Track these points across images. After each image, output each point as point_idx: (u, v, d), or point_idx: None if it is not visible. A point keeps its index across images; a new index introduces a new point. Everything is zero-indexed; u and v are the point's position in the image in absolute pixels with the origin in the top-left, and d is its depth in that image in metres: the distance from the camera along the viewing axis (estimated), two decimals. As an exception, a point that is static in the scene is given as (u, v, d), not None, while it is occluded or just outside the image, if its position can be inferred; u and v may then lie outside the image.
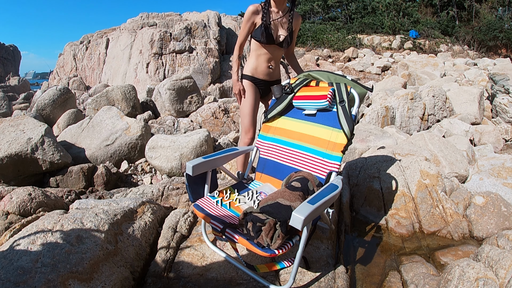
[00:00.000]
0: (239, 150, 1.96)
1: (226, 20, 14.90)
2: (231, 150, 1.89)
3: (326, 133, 1.87)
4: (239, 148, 1.99)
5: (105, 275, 1.45)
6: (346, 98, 1.85)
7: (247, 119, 2.32)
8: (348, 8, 24.12)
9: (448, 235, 2.15)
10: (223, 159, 1.82)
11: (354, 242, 2.13)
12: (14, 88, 18.63)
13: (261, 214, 1.37)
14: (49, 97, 6.28)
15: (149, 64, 11.94)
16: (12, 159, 3.36)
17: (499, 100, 5.69)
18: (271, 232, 1.32)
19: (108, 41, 14.19)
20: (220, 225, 1.47)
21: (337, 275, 1.59)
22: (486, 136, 4.57)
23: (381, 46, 18.99)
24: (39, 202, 2.37)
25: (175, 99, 6.69)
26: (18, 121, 3.77)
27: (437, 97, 5.37)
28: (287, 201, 1.42)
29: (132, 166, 4.15)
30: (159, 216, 2.07)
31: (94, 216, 1.68)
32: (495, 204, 2.24)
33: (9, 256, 1.35)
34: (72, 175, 3.54)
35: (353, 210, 2.47)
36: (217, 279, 1.57)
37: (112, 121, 4.55)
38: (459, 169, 2.97)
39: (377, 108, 5.01)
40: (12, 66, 31.36)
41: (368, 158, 2.75)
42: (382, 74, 13.89)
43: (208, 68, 12.06)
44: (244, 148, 2.06)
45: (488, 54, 17.83)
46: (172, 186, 2.66)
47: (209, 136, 4.28)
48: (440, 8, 22.30)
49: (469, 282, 1.44)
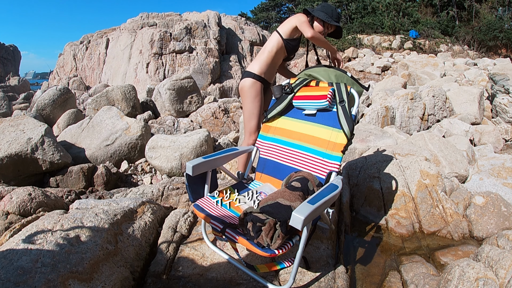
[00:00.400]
0: (239, 150, 1.96)
1: (226, 20, 14.90)
2: (231, 150, 1.89)
3: (326, 133, 1.87)
4: (239, 148, 1.99)
5: (105, 275, 1.45)
6: (346, 98, 1.85)
7: (255, 121, 2.31)
8: (348, 8, 24.11)
9: (448, 235, 2.15)
10: (223, 159, 1.81)
11: (354, 242, 2.13)
12: (14, 88, 18.64)
13: (261, 214, 1.37)
14: (49, 97, 6.28)
15: (149, 64, 11.95)
16: (12, 159, 3.36)
17: (499, 100, 5.69)
18: (271, 232, 1.32)
19: (108, 41, 14.20)
20: (220, 225, 1.46)
21: (337, 275, 1.59)
22: (486, 136, 4.57)
23: (381, 46, 18.99)
24: (39, 202, 2.37)
25: (175, 99, 6.69)
26: (18, 121, 3.77)
27: (437, 97, 5.37)
28: (287, 201, 1.42)
29: (132, 166, 4.16)
30: (159, 216, 2.07)
31: (94, 216, 1.68)
32: (495, 204, 2.24)
33: (9, 256, 1.35)
34: (72, 175, 3.54)
35: (353, 210, 2.47)
36: (217, 279, 1.57)
37: (112, 121, 4.55)
38: (459, 169, 2.97)
39: (377, 108, 5.01)
40: (12, 66, 31.37)
41: (368, 158, 2.75)
42: (382, 74, 13.89)
43: (208, 68, 12.06)
44: (244, 148, 2.06)
45: (488, 54, 17.83)
46: (172, 186, 2.66)
47: (209, 136, 4.28)
48: (440, 8, 22.29)
49: (469, 282, 1.44)
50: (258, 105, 2.30)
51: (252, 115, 2.31)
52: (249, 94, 2.28)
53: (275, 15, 31.54)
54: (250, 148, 2.09)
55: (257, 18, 30.52)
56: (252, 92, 2.27)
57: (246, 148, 2.08)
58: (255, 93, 2.28)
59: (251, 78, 2.27)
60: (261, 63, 2.29)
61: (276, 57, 2.31)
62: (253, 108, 2.30)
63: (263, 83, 2.31)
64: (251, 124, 2.32)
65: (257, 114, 2.31)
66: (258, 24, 23.94)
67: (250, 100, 2.29)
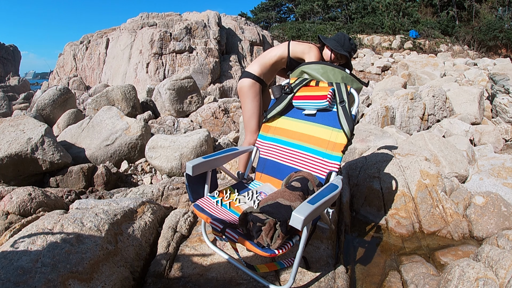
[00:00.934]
0: (239, 150, 1.96)
1: (226, 20, 14.89)
2: (231, 150, 1.89)
3: (326, 133, 1.87)
4: (239, 148, 1.99)
5: (105, 275, 1.45)
6: (346, 98, 1.85)
7: (255, 120, 2.34)
8: (348, 8, 24.13)
9: (448, 235, 2.15)
10: (223, 159, 1.82)
11: (354, 242, 2.13)
12: (14, 88, 18.63)
13: (261, 214, 1.37)
14: (49, 97, 6.28)
15: (149, 64, 11.94)
16: (12, 159, 3.36)
17: (499, 100, 5.69)
18: (271, 232, 1.32)
19: (108, 41, 14.19)
20: (220, 225, 1.46)
21: (337, 275, 1.59)
22: (486, 136, 4.57)
23: (381, 46, 19.00)
24: (39, 202, 2.37)
25: (175, 99, 6.69)
26: (18, 121, 3.77)
27: (437, 97, 5.37)
28: (287, 201, 1.42)
29: (132, 166, 4.16)
30: (159, 216, 2.07)
31: (94, 216, 1.68)
32: (495, 204, 2.24)
33: (9, 256, 1.35)
34: (72, 175, 3.54)
35: (353, 210, 2.47)
36: (217, 279, 1.57)
37: (112, 121, 4.55)
38: (459, 169, 2.97)
39: (377, 108, 5.01)
40: (12, 66, 31.37)
41: (368, 158, 2.75)
42: (382, 74, 13.89)
43: (208, 68, 12.06)
44: (244, 148, 2.06)
45: (488, 54, 17.84)
46: (172, 186, 2.66)
47: (209, 136, 4.28)
48: (440, 8, 22.30)
49: (469, 282, 1.44)
50: (258, 105, 2.33)
51: (253, 114, 2.34)
52: (248, 94, 2.31)
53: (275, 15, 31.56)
54: (250, 148, 2.09)
55: (257, 18, 30.53)
56: (252, 93, 2.30)
57: (246, 148, 2.08)
58: (254, 93, 2.31)
59: (250, 78, 2.29)
60: (261, 66, 2.31)
61: (277, 65, 2.35)
62: (253, 108, 2.33)
63: (262, 84, 2.34)
64: (251, 124, 2.35)
65: (257, 114, 2.34)
66: (258, 24, 23.95)
67: (250, 100, 2.32)
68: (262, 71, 2.30)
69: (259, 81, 2.31)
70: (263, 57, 2.34)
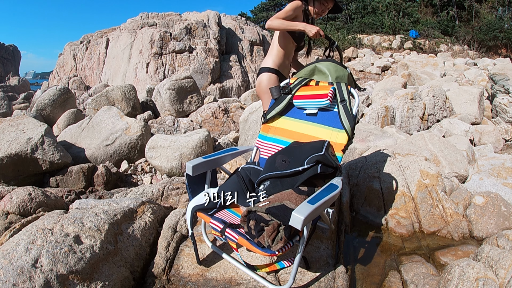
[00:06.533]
0: (239, 150, 1.96)
1: (226, 20, 14.89)
2: (231, 150, 1.89)
3: (326, 133, 1.86)
4: (239, 148, 1.99)
5: (105, 275, 1.45)
6: (347, 97, 1.85)
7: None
8: (348, 8, 24.12)
9: (448, 235, 2.15)
10: (223, 159, 1.81)
11: (354, 242, 2.13)
12: (14, 88, 18.64)
13: (266, 214, 1.36)
14: (49, 97, 6.28)
15: (149, 64, 11.95)
16: (12, 159, 3.36)
17: (499, 100, 5.69)
18: (273, 233, 1.31)
19: (108, 41, 14.19)
20: (220, 225, 1.46)
21: (337, 275, 1.59)
22: (486, 136, 4.57)
23: (381, 46, 18.99)
24: (39, 202, 2.37)
25: (175, 99, 6.69)
26: (18, 121, 3.77)
27: (437, 97, 5.37)
28: (293, 205, 1.41)
29: (132, 166, 4.16)
30: (159, 216, 2.07)
31: (94, 216, 1.68)
32: (495, 204, 2.24)
33: (9, 256, 1.35)
34: (72, 175, 3.54)
35: (353, 210, 2.47)
36: (217, 279, 1.57)
37: (112, 121, 4.55)
38: (459, 169, 2.97)
39: (377, 108, 5.01)
40: (12, 66, 31.37)
41: (368, 158, 2.74)
42: (382, 74, 13.88)
43: (208, 68, 12.06)
44: (244, 148, 2.06)
45: (488, 54, 17.84)
46: (172, 186, 2.66)
47: (209, 136, 4.28)
48: (440, 8, 22.29)
49: (469, 282, 1.44)
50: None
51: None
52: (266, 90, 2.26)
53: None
54: (250, 148, 2.09)
55: (257, 18, 30.50)
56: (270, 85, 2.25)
57: (246, 148, 2.08)
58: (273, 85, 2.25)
59: (266, 72, 2.28)
60: (273, 57, 2.30)
61: (287, 48, 2.31)
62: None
63: (279, 76, 2.31)
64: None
65: None
66: (258, 24, 23.92)
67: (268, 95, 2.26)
68: (275, 62, 2.29)
69: (276, 73, 2.29)
70: (271, 49, 2.32)
